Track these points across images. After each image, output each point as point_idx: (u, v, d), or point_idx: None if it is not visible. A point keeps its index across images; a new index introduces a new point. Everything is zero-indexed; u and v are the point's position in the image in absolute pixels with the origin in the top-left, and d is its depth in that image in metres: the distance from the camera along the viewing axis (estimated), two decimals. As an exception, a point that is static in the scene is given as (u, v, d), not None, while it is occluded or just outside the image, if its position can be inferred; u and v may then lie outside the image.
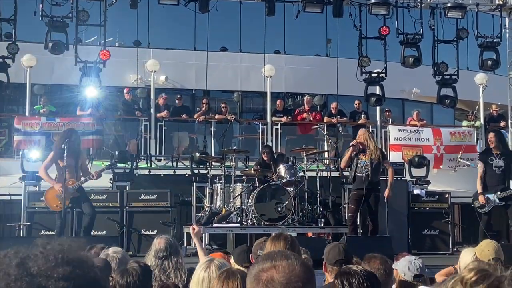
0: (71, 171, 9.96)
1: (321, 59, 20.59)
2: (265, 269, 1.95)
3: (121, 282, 4.06)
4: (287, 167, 11.76)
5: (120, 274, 4.15)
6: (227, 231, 11.53)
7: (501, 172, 10.77)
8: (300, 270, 1.94)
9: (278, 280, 1.90)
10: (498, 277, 1.65)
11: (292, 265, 1.94)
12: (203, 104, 16.40)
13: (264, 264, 1.97)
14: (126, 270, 4.18)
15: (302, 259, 2.04)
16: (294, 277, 1.91)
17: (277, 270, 1.93)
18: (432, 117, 20.28)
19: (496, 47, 14.39)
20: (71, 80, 14.64)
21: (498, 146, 10.90)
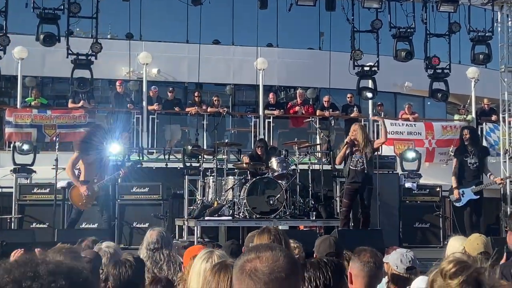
0: (96, 168, 10.07)
1: (313, 53, 20.57)
2: (249, 259, 1.96)
3: (113, 272, 4.08)
4: (279, 160, 11.75)
5: (113, 265, 4.17)
6: (219, 224, 11.53)
7: (475, 168, 11.58)
8: (284, 261, 1.95)
9: (262, 270, 1.92)
10: (477, 269, 1.66)
11: (276, 256, 1.95)
12: (195, 97, 16.38)
13: (249, 255, 1.99)
14: (120, 261, 4.21)
15: (288, 252, 2.04)
16: (278, 268, 1.92)
17: (261, 261, 1.94)
18: (424, 111, 20.34)
19: (488, 41, 14.44)
20: (63, 73, 14.58)
21: (472, 143, 11.68)
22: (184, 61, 18.96)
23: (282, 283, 1.92)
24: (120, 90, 16.11)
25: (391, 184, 12.34)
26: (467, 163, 11.64)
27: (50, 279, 1.63)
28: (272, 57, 18.79)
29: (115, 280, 4.07)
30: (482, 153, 11.89)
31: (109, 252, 4.75)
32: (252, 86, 18.49)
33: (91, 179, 10.13)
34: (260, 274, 1.92)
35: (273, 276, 1.91)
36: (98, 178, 10.14)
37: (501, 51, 15.40)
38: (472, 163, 11.62)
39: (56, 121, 14.35)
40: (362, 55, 14.15)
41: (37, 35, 12.94)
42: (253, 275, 1.92)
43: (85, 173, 10.07)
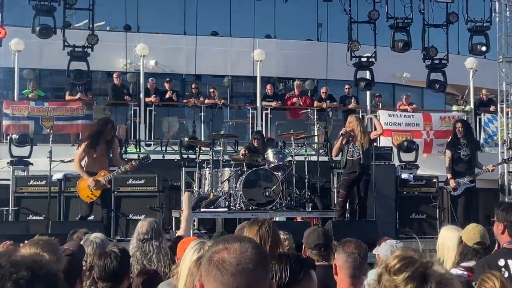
0: (102, 159, 10.12)
1: (311, 44, 20.51)
2: (217, 251, 1.96)
3: (98, 263, 4.10)
4: (275, 151, 11.74)
5: (98, 256, 4.18)
6: (215, 215, 11.55)
7: (468, 160, 11.81)
8: (252, 252, 1.94)
9: (229, 261, 1.91)
10: (423, 264, 1.63)
11: (244, 248, 1.94)
12: (192, 89, 16.35)
13: (217, 246, 1.98)
14: (105, 252, 4.22)
15: (257, 243, 2.04)
16: (245, 259, 1.91)
17: (229, 252, 1.93)
18: (422, 101, 20.28)
19: (486, 31, 14.39)
20: (60, 65, 14.56)
21: (465, 135, 11.92)
22: (182, 53, 18.91)
23: (250, 274, 1.91)
24: (118, 82, 16.09)
25: (388, 175, 12.32)
26: (460, 155, 11.84)
27: (12, 270, 1.71)
28: (270, 48, 18.73)
29: (100, 271, 4.08)
30: (474, 146, 12.16)
31: (95, 242, 4.75)
32: (250, 78, 18.44)
33: (98, 172, 10.13)
34: (227, 265, 1.91)
35: (240, 267, 1.90)
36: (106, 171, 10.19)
37: (499, 41, 15.33)
38: (465, 155, 11.83)
39: (53, 113, 14.33)
40: (359, 46, 14.13)
41: (33, 27, 12.94)
42: (220, 266, 1.91)
43: (92, 166, 10.12)
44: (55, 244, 3.25)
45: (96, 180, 10.02)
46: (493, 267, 4.27)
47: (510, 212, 4.52)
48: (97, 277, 4.10)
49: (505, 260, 4.37)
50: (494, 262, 4.37)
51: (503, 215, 4.54)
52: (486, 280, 3.61)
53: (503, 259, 4.38)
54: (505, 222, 4.52)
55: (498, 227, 4.58)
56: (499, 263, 4.36)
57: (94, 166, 10.15)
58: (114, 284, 4.09)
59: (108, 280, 4.07)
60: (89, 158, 10.14)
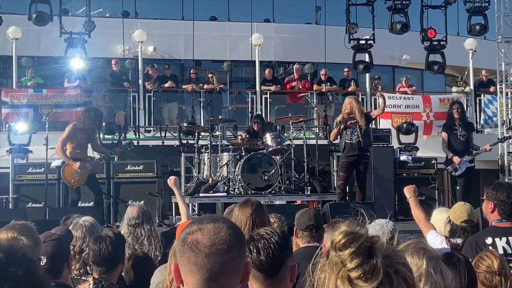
0: (84, 147, 10.25)
1: (310, 27, 20.43)
2: (191, 231, 1.94)
3: (93, 247, 4.11)
4: (273, 135, 11.74)
5: (93, 240, 4.19)
6: (214, 200, 11.57)
7: (465, 140, 11.90)
8: (226, 233, 1.92)
9: (203, 242, 1.90)
10: (369, 239, 1.63)
11: (218, 228, 1.93)
12: (191, 74, 16.32)
13: (192, 227, 1.96)
14: (100, 236, 4.22)
15: (232, 224, 2.01)
16: (219, 240, 1.90)
17: (202, 233, 1.92)
18: (422, 83, 20.23)
19: (484, 12, 14.28)
20: (58, 52, 14.54)
21: (461, 117, 12.06)
22: (180, 38, 18.87)
23: (224, 255, 1.90)
24: (116, 69, 16.08)
25: (386, 158, 12.32)
26: (457, 136, 11.89)
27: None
28: (268, 32, 18.67)
29: (95, 255, 4.09)
30: (468, 127, 12.24)
31: (84, 226, 4.76)
32: (249, 62, 18.40)
33: (84, 158, 10.22)
34: (201, 246, 1.89)
35: (214, 248, 1.89)
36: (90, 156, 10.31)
37: (498, 22, 15.24)
38: (462, 135, 11.89)
39: (52, 100, 14.34)
40: (357, 28, 14.04)
41: (29, 14, 12.89)
42: (194, 247, 1.90)
43: (76, 153, 10.19)
44: (31, 228, 3.26)
45: (82, 165, 10.10)
46: (480, 245, 4.30)
47: (501, 191, 4.53)
48: (92, 261, 4.12)
49: (493, 238, 4.40)
50: (481, 240, 4.40)
51: (494, 194, 4.55)
52: (484, 258, 3.64)
53: (491, 237, 4.41)
54: (495, 201, 4.53)
55: (487, 206, 4.60)
56: (486, 241, 4.39)
57: (78, 153, 10.21)
58: (109, 268, 4.11)
59: (103, 265, 4.09)
60: (72, 145, 10.20)
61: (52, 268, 3.58)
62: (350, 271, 1.59)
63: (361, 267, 1.58)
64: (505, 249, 4.36)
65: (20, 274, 1.79)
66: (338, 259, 1.61)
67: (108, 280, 3.98)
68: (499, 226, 4.48)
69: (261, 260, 2.80)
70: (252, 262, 2.80)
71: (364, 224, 1.71)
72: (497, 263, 3.58)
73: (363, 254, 1.59)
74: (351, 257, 1.59)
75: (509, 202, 4.46)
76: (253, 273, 2.79)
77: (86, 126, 10.18)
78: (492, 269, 3.56)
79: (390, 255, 1.61)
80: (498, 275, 3.56)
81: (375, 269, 1.57)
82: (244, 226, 4.30)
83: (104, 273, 4.03)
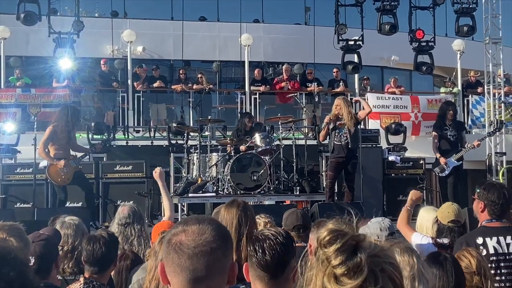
0: (67, 147, 10.23)
1: (299, 28, 20.49)
2: (176, 233, 1.95)
3: (87, 247, 4.11)
4: (262, 135, 11.74)
5: (87, 240, 4.19)
6: (203, 200, 11.56)
7: (455, 140, 11.85)
8: (211, 234, 1.92)
9: (186, 244, 1.90)
10: (355, 236, 1.64)
11: (203, 230, 1.93)
12: (180, 75, 16.31)
13: (177, 228, 1.97)
14: (94, 236, 4.23)
15: (218, 225, 2.01)
16: (203, 241, 1.90)
17: (187, 234, 1.92)
18: (411, 84, 20.34)
19: (472, 13, 14.37)
20: (47, 52, 14.49)
21: (451, 116, 11.97)
22: (169, 39, 18.86)
23: (207, 256, 1.90)
24: (105, 69, 16.05)
25: (375, 158, 12.37)
26: (447, 135, 11.84)
27: None
28: (258, 33, 18.71)
29: (88, 255, 4.09)
30: (459, 127, 12.18)
31: (74, 224, 4.78)
32: (239, 63, 18.43)
33: (67, 157, 10.23)
34: (184, 247, 1.90)
35: (197, 250, 1.89)
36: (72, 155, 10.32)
37: (485, 23, 15.35)
38: (452, 135, 11.84)
39: (40, 100, 14.29)
40: (346, 29, 14.08)
41: (17, 14, 12.84)
42: (178, 248, 1.90)
43: (59, 153, 10.17)
44: (20, 229, 3.26)
45: (67, 163, 10.10)
46: (471, 245, 4.32)
47: (492, 191, 4.54)
48: (85, 260, 4.12)
49: (483, 238, 4.42)
50: (472, 240, 4.42)
51: (485, 193, 4.56)
52: (461, 258, 3.65)
53: (481, 237, 4.43)
54: (486, 200, 4.54)
55: (478, 205, 4.61)
56: (477, 241, 4.41)
57: (61, 153, 10.21)
58: (101, 269, 4.10)
59: (96, 265, 4.08)
60: (54, 146, 10.19)
61: (41, 269, 3.58)
62: (335, 268, 1.61)
63: (345, 263, 1.60)
64: (496, 248, 4.38)
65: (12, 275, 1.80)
66: (324, 256, 1.63)
67: (100, 280, 3.98)
68: (489, 226, 4.50)
69: (267, 261, 2.81)
70: (257, 262, 2.82)
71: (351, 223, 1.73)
72: (475, 263, 3.59)
73: (348, 251, 1.61)
74: (335, 253, 1.61)
75: (500, 203, 4.48)
76: (257, 273, 2.81)
77: (64, 125, 10.13)
78: (471, 269, 3.57)
79: (378, 254, 1.63)
80: (477, 274, 3.57)
81: (359, 266, 1.59)
82: (231, 227, 4.32)
83: (96, 273, 4.03)
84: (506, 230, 4.45)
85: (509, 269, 4.31)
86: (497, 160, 14.78)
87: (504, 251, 4.36)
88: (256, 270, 2.81)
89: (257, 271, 2.81)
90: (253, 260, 2.83)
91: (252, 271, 2.84)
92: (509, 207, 4.56)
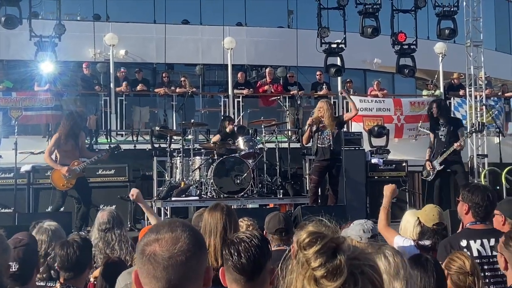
0: (73, 153, 10.24)
1: (282, 31, 20.51)
2: (148, 242, 1.90)
3: (60, 253, 4.06)
4: (245, 139, 11.75)
5: (60, 246, 4.14)
6: (186, 204, 11.53)
7: (445, 140, 11.42)
8: (185, 243, 1.89)
9: (160, 254, 1.87)
10: (334, 239, 1.64)
11: (176, 238, 1.89)
12: (163, 78, 16.27)
13: (149, 237, 1.92)
14: (67, 242, 4.18)
15: (192, 231, 1.95)
16: (177, 251, 1.87)
17: (160, 244, 1.88)
18: (393, 86, 20.43)
19: (453, 16, 14.46)
20: (28, 55, 14.36)
21: (442, 115, 11.56)
22: (152, 42, 18.81)
23: (183, 266, 1.87)
24: (87, 72, 15.96)
25: (358, 160, 12.39)
26: (439, 135, 11.50)
27: None
28: (240, 36, 18.70)
29: (62, 260, 4.05)
30: (451, 124, 11.60)
31: (50, 230, 4.74)
32: (222, 66, 18.42)
33: (71, 163, 10.21)
34: (159, 258, 1.86)
35: (172, 260, 1.86)
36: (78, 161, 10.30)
37: (467, 26, 15.48)
38: (443, 135, 11.45)
39: (22, 104, 14.19)
40: (328, 32, 14.11)
41: (-3, 17, 12.72)
42: (153, 259, 1.87)
43: (64, 159, 10.19)
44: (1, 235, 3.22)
45: (70, 169, 10.10)
46: (455, 247, 4.33)
47: (476, 193, 4.54)
48: (59, 266, 4.07)
49: (467, 241, 4.42)
50: (456, 243, 4.42)
51: (469, 196, 4.56)
52: (455, 259, 3.66)
53: (465, 240, 4.43)
54: (470, 202, 4.53)
55: (462, 207, 4.61)
56: (461, 243, 4.41)
57: (66, 159, 10.22)
58: (76, 273, 4.07)
59: (71, 270, 4.05)
60: (60, 152, 10.23)
61: (23, 274, 3.55)
62: (315, 270, 1.60)
63: (325, 266, 1.59)
64: (480, 251, 4.38)
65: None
66: (303, 258, 1.62)
67: (76, 285, 3.95)
68: (473, 228, 4.50)
69: (242, 263, 2.81)
70: (233, 265, 2.81)
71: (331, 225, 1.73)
72: (469, 264, 3.61)
73: (327, 253, 1.60)
74: (315, 256, 1.61)
75: (483, 205, 4.47)
76: (234, 277, 2.79)
77: (67, 132, 10.18)
78: (465, 270, 3.59)
79: (357, 257, 1.62)
80: (470, 275, 3.59)
81: (339, 268, 1.59)
82: (215, 231, 4.29)
83: (72, 278, 3.99)
84: (490, 233, 4.45)
85: (493, 271, 4.32)
86: (479, 162, 14.89)
87: (487, 254, 4.37)
88: (232, 273, 2.80)
89: (233, 274, 2.80)
90: (229, 263, 2.83)
91: (228, 274, 2.83)
92: (493, 209, 4.57)
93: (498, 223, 4.62)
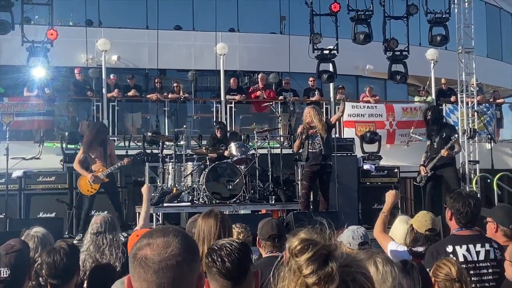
0: (101, 160, 10.76)
1: (275, 37, 20.54)
2: (140, 247, 1.91)
3: (47, 260, 4.02)
4: (238, 145, 11.74)
5: (47, 253, 4.11)
6: (178, 210, 11.50)
7: (438, 147, 11.54)
8: (176, 247, 1.89)
9: (151, 258, 1.87)
10: (326, 246, 1.64)
11: (168, 242, 1.89)
12: (155, 84, 16.25)
13: (142, 241, 1.93)
14: (54, 249, 4.15)
15: (184, 236, 1.96)
16: (168, 255, 1.87)
17: (151, 248, 1.89)
18: (386, 93, 20.48)
19: (445, 23, 14.54)
20: (20, 61, 14.32)
21: (434, 122, 11.73)
22: (145, 48, 18.80)
23: (173, 270, 1.87)
24: (79, 78, 15.93)
25: (350, 166, 12.42)
26: (432, 142, 11.65)
27: None
28: (233, 42, 18.71)
29: (50, 268, 4.01)
30: (444, 131, 11.67)
31: (36, 236, 4.71)
32: (214, 72, 18.42)
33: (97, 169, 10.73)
34: (150, 262, 1.87)
35: (163, 264, 1.86)
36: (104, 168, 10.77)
37: (458, 32, 15.55)
38: (436, 142, 11.59)
39: (13, 109, 14.14)
40: (321, 38, 14.15)
41: (-11, 23, 12.68)
42: (143, 263, 1.87)
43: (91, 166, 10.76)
44: None
45: (95, 176, 10.60)
46: (441, 253, 4.35)
47: (458, 200, 4.59)
48: (47, 274, 4.04)
49: (453, 247, 4.45)
50: (442, 249, 4.45)
51: (451, 202, 4.63)
52: (442, 266, 3.68)
53: (451, 245, 4.46)
54: (453, 209, 4.60)
55: (447, 214, 4.67)
56: (447, 249, 4.44)
57: (92, 166, 10.76)
58: (64, 280, 4.03)
59: (58, 277, 4.00)
60: (89, 158, 10.79)
61: (15, 281, 3.52)
62: (306, 277, 1.60)
63: (317, 273, 1.59)
64: (466, 256, 4.41)
65: None
66: (295, 265, 1.62)
67: None
68: (458, 234, 4.54)
69: (227, 268, 2.80)
70: (218, 271, 2.80)
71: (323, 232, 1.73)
72: (455, 270, 3.63)
73: (319, 260, 1.60)
74: (307, 263, 1.61)
75: (464, 212, 4.51)
76: (220, 283, 2.78)
77: (91, 140, 10.69)
78: (451, 276, 3.61)
79: (349, 264, 1.62)
80: (457, 282, 3.61)
81: (331, 276, 1.58)
82: (209, 237, 4.30)
83: (60, 285, 3.96)
84: (476, 239, 4.49)
85: (479, 276, 4.35)
86: (471, 169, 14.93)
87: (473, 259, 4.40)
88: (218, 280, 2.80)
89: (219, 281, 2.79)
90: (213, 270, 2.82)
91: (214, 282, 2.81)
92: (477, 215, 4.60)
93: (491, 231, 4.65)
